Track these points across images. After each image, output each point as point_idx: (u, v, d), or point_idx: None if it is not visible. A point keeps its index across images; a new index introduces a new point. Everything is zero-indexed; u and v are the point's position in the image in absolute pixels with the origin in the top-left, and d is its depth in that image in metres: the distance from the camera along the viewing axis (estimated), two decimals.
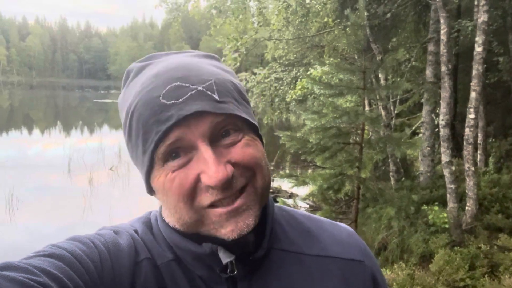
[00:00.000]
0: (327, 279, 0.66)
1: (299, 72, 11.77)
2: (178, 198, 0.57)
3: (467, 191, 5.43)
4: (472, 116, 5.28)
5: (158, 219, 0.66)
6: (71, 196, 9.50)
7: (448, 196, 5.37)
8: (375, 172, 8.07)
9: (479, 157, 7.98)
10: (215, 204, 0.56)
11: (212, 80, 0.58)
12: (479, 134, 7.93)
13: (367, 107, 6.32)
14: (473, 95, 5.24)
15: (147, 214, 0.70)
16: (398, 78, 8.25)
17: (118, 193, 9.94)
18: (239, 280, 0.62)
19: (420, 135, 7.53)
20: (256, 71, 12.83)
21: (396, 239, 5.44)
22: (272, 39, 11.21)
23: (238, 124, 0.59)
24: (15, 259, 0.51)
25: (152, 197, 0.64)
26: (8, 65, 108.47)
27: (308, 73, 9.67)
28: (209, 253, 0.59)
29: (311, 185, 5.11)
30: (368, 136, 6.75)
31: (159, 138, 0.56)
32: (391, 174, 7.65)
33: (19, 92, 59.42)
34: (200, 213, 0.57)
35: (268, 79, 12.30)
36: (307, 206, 8.49)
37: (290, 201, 8.75)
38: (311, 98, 10.61)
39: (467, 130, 5.36)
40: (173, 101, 0.56)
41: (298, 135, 4.94)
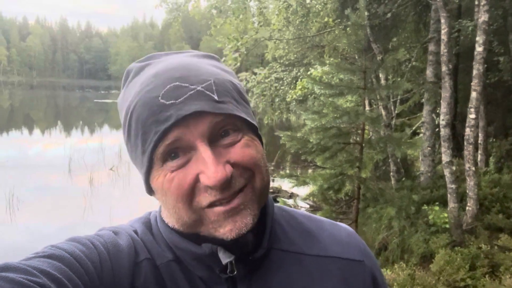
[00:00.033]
0: (327, 279, 0.66)
1: (299, 72, 11.77)
2: (177, 198, 0.57)
3: (467, 191, 5.43)
4: (472, 116, 5.28)
5: (157, 219, 0.66)
6: (72, 196, 9.50)
7: (448, 196, 5.37)
8: (375, 172, 8.06)
9: (479, 157, 7.97)
10: (213, 204, 0.56)
11: (212, 80, 0.58)
12: (480, 134, 7.93)
13: (367, 107, 6.32)
14: (473, 95, 5.24)
15: (147, 215, 0.70)
16: (399, 78, 8.24)
17: (119, 193, 9.95)
18: (239, 280, 0.62)
19: (421, 135, 7.52)
20: (256, 71, 12.83)
21: (396, 239, 5.44)
22: (273, 39, 11.21)
23: (237, 124, 0.59)
24: (15, 259, 0.51)
25: (152, 197, 0.64)
26: (9, 65, 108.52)
27: (309, 73, 9.67)
28: (208, 253, 0.59)
29: (311, 185, 5.10)
30: (369, 136, 6.74)
31: (158, 138, 0.56)
32: (391, 174, 7.64)
33: (20, 92, 59.48)
34: (199, 213, 0.57)
35: (269, 79, 12.30)
36: (308, 206, 8.48)
37: (290, 201, 8.75)
38: (312, 98, 10.61)
39: (468, 130, 5.36)
40: (172, 101, 0.55)
41: (298, 135, 4.94)
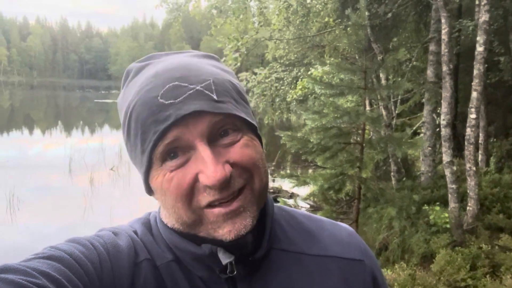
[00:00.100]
0: (327, 278, 0.66)
1: (299, 72, 11.76)
2: (176, 198, 0.57)
3: (468, 191, 5.42)
4: (473, 116, 5.28)
5: (157, 220, 0.66)
6: (72, 196, 9.51)
7: (449, 196, 5.37)
8: (376, 172, 8.06)
9: (480, 157, 7.97)
10: (212, 204, 0.56)
11: (211, 80, 0.58)
12: (480, 134, 7.92)
13: (368, 107, 6.32)
14: (474, 95, 5.23)
15: (147, 215, 0.70)
16: (399, 78, 8.23)
17: (119, 193, 9.95)
18: (239, 281, 0.62)
19: (421, 135, 7.52)
20: (256, 71, 12.82)
21: (397, 239, 5.44)
22: (273, 39, 11.21)
23: (236, 124, 0.59)
24: (16, 259, 0.51)
25: (152, 197, 0.64)
26: (9, 65, 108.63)
27: (309, 73, 9.67)
28: (208, 254, 0.59)
29: (312, 185, 5.10)
30: (369, 136, 6.74)
31: (157, 138, 0.56)
32: (392, 174, 7.63)
33: (20, 92, 59.55)
34: (198, 213, 0.57)
35: (269, 79, 12.29)
36: (308, 206, 8.48)
37: (291, 201, 8.74)
38: (312, 98, 10.60)
39: (468, 130, 5.36)
40: (171, 100, 0.55)
41: (299, 135, 4.94)
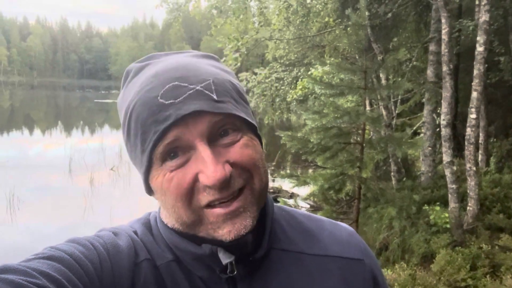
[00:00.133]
0: (327, 278, 0.66)
1: (300, 72, 11.75)
2: (176, 198, 0.57)
3: (468, 191, 5.42)
4: (473, 116, 5.28)
5: (157, 220, 0.66)
6: (72, 196, 9.51)
7: (449, 196, 5.37)
8: (376, 172, 8.05)
9: (480, 157, 7.97)
10: (212, 204, 0.56)
11: (211, 80, 0.58)
12: (481, 134, 7.92)
13: (368, 107, 6.32)
14: (474, 95, 5.23)
15: (147, 215, 0.70)
16: (399, 78, 8.23)
17: (119, 193, 9.96)
18: (239, 281, 0.62)
19: (421, 135, 7.52)
20: (257, 71, 12.80)
21: (397, 239, 5.44)
22: (273, 39, 11.21)
23: (236, 124, 0.59)
24: (16, 259, 0.51)
25: (152, 197, 0.64)
26: (9, 65, 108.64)
27: (309, 73, 9.66)
28: (208, 254, 0.59)
29: (312, 185, 5.10)
30: (369, 136, 6.74)
31: (157, 138, 0.56)
32: (392, 174, 7.63)
33: (20, 92, 59.57)
34: (198, 213, 0.57)
35: (269, 79, 12.28)
36: (308, 206, 8.48)
37: (291, 201, 8.74)
38: (312, 98, 10.59)
39: (469, 130, 5.36)
40: (171, 100, 0.55)
41: (299, 135, 4.94)
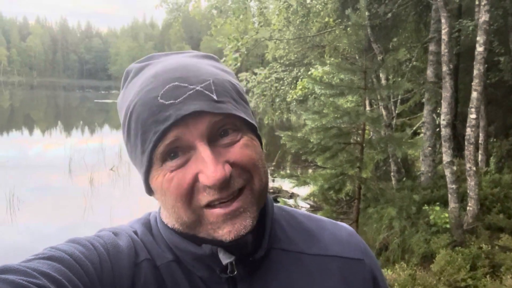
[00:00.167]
0: (327, 278, 0.66)
1: (299, 72, 11.75)
2: (176, 198, 0.57)
3: (468, 191, 5.42)
4: (473, 116, 5.28)
5: (157, 220, 0.66)
6: (72, 196, 9.51)
7: (449, 196, 5.37)
8: (376, 172, 8.05)
9: (480, 157, 7.97)
10: (212, 204, 0.56)
11: (211, 80, 0.58)
12: (480, 134, 7.92)
13: (368, 107, 6.32)
14: (474, 95, 5.23)
15: (147, 215, 0.70)
16: (399, 78, 8.23)
17: (119, 193, 9.95)
18: (239, 281, 0.62)
19: (421, 135, 7.52)
20: (256, 71, 12.80)
21: (397, 239, 5.44)
22: (273, 39, 11.21)
23: (236, 124, 0.59)
24: (16, 259, 0.51)
25: (152, 197, 0.64)
26: (9, 65, 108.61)
27: (309, 73, 9.65)
28: (209, 254, 0.59)
29: (312, 185, 5.10)
30: (369, 136, 6.74)
31: (157, 138, 0.56)
32: (392, 174, 7.63)
33: (20, 92, 59.56)
34: (198, 213, 0.57)
35: (269, 79, 12.28)
36: (308, 206, 8.48)
37: (291, 201, 8.74)
38: (312, 98, 10.59)
39: (468, 130, 5.36)
40: (171, 101, 0.56)
41: (299, 135, 4.94)
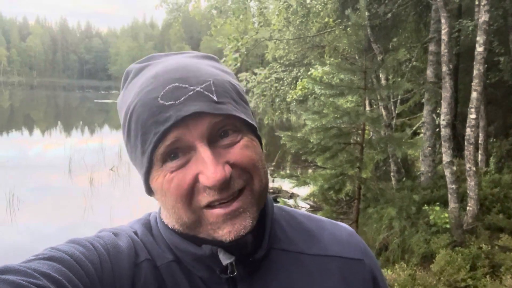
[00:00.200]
0: (327, 278, 0.67)
1: (299, 72, 11.75)
2: (176, 199, 0.57)
3: (468, 191, 5.42)
4: (473, 116, 5.28)
5: (157, 220, 0.66)
6: (72, 196, 9.50)
7: (449, 196, 5.36)
8: (376, 172, 8.05)
9: (480, 157, 7.97)
10: (212, 204, 0.56)
11: (211, 81, 0.58)
12: (480, 134, 7.92)
13: (368, 107, 6.32)
14: (474, 95, 5.23)
15: (147, 216, 0.70)
16: (399, 78, 8.23)
17: (119, 193, 9.95)
18: (239, 281, 0.62)
19: (421, 135, 7.52)
20: (256, 71, 12.80)
21: (397, 239, 5.43)
22: (273, 39, 11.21)
23: (236, 125, 0.59)
24: (16, 259, 0.51)
25: (152, 197, 0.64)
26: (9, 65, 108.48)
27: (309, 73, 9.65)
28: (209, 254, 0.59)
29: (312, 185, 5.10)
30: (369, 136, 6.74)
31: (157, 139, 0.56)
32: (392, 174, 7.63)
33: (20, 92, 59.54)
34: (198, 213, 0.57)
35: (269, 79, 12.28)
36: (308, 207, 8.48)
37: (291, 201, 8.74)
38: (312, 98, 10.59)
39: (468, 130, 5.36)
40: (171, 102, 0.56)
41: (298, 135, 4.94)
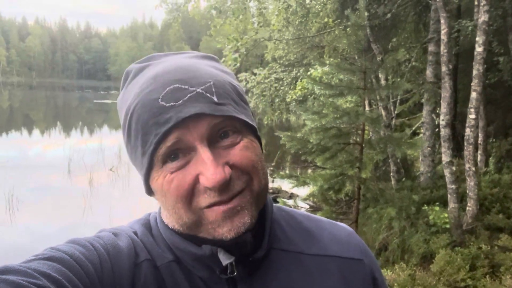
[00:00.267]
0: (327, 278, 0.67)
1: (299, 73, 11.75)
2: (176, 199, 0.57)
3: (467, 191, 5.42)
4: (472, 116, 5.28)
5: (157, 220, 0.66)
6: (71, 196, 9.50)
7: (448, 196, 5.37)
8: (375, 173, 8.06)
9: (479, 157, 7.97)
10: (212, 205, 0.57)
11: (211, 82, 0.58)
12: (480, 134, 7.92)
13: (367, 107, 6.31)
14: (473, 95, 5.24)
15: (146, 216, 0.70)
16: (399, 78, 8.24)
17: (118, 193, 9.95)
18: (239, 281, 0.62)
19: (421, 135, 7.52)
20: (256, 71, 12.79)
21: (396, 240, 5.43)
22: (272, 40, 11.22)
23: (236, 126, 0.59)
24: (16, 260, 0.51)
25: (152, 198, 0.64)
26: (8, 65, 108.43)
27: (308, 73, 9.64)
28: (208, 254, 0.59)
29: (311, 185, 5.10)
30: (369, 136, 6.75)
31: (158, 140, 0.56)
32: (391, 174, 7.64)
33: (19, 92, 59.48)
34: (198, 213, 0.57)
35: (268, 80, 12.28)
36: (308, 207, 8.48)
37: (290, 201, 8.74)
38: (311, 99, 10.60)
39: (468, 130, 5.36)
40: (172, 103, 0.56)
41: (298, 135, 4.93)
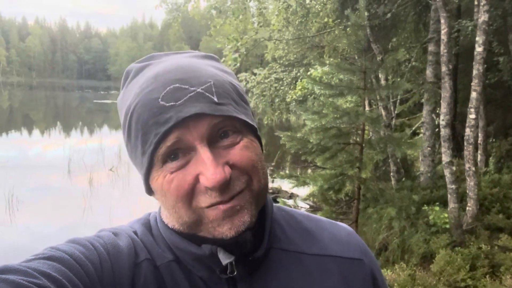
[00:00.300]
0: (327, 278, 0.67)
1: (299, 73, 11.75)
2: (176, 199, 0.57)
3: (467, 191, 5.42)
4: (472, 116, 5.28)
5: (157, 220, 0.66)
6: (71, 196, 9.50)
7: (448, 196, 5.37)
8: (375, 172, 8.06)
9: (479, 157, 7.97)
10: (213, 205, 0.57)
11: (211, 82, 0.58)
12: (480, 134, 7.92)
13: (367, 107, 6.31)
14: (473, 95, 5.24)
15: (146, 216, 0.70)
16: (399, 78, 8.24)
17: (118, 193, 9.95)
18: (239, 281, 0.62)
19: (421, 135, 7.52)
20: (256, 71, 12.79)
21: (396, 240, 5.44)
22: (272, 40, 11.22)
23: (236, 126, 0.59)
24: (15, 260, 0.51)
25: (152, 197, 0.64)
26: (8, 65, 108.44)
27: (308, 73, 9.64)
28: (208, 254, 0.59)
29: (311, 185, 5.10)
30: (369, 136, 6.75)
31: (158, 140, 0.56)
32: (391, 174, 7.64)
33: (19, 92, 59.50)
34: (198, 213, 0.57)
35: (268, 80, 12.28)
36: (308, 207, 8.48)
37: (290, 201, 8.74)
38: (311, 99, 10.61)
39: (468, 130, 5.36)
40: (172, 103, 0.56)
41: (298, 135, 4.94)
